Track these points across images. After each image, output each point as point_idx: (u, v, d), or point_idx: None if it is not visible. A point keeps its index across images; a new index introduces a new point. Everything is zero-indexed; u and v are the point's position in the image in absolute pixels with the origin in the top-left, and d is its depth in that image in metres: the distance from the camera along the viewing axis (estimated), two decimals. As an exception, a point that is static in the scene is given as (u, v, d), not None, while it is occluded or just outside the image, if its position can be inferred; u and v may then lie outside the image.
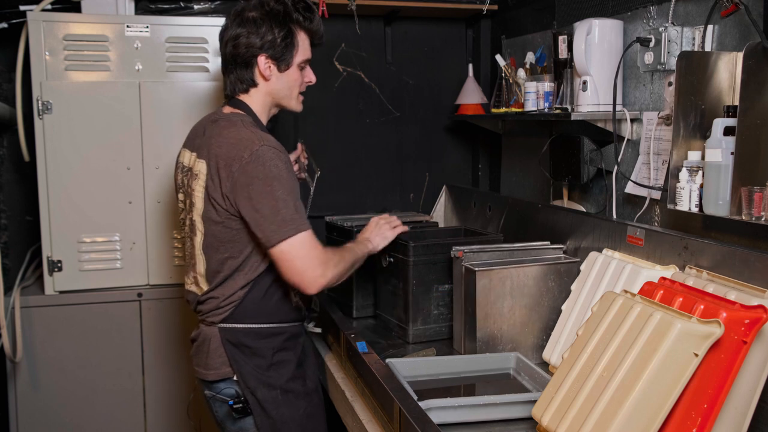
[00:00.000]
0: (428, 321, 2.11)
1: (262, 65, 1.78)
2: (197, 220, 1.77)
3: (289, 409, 1.82)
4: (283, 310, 1.84)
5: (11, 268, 2.80)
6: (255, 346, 1.79)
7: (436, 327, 2.12)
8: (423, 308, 2.10)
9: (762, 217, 1.60)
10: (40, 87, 2.44)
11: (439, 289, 2.11)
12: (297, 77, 1.86)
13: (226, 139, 1.71)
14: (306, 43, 1.85)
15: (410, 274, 2.08)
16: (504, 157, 3.20)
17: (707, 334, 1.23)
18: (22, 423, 2.53)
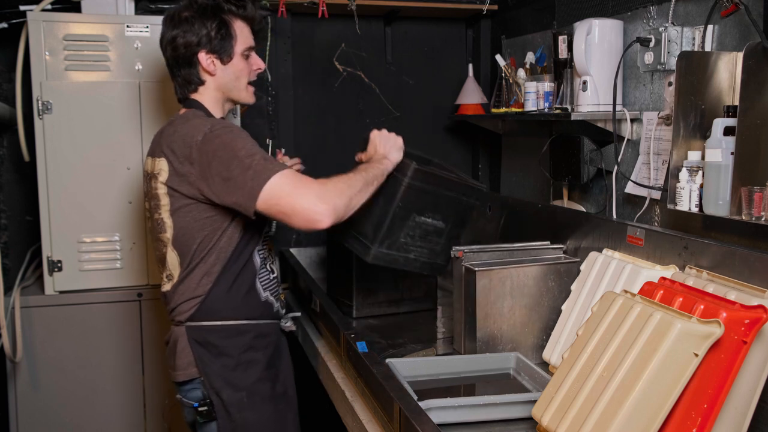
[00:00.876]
0: (393, 247, 1.96)
1: (204, 61, 1.78)
2: (165, 217, 1.76)
3: (254, 412, 1.78)
4: (250, 306, 1.80)
5: (11, 268, 2.80)
6: (221, 344, 1.76)
7: (397, 255, 1.98)
8: (393, 232, 1.94)
9: (762, 217, 1.60)
10: (40, 87, 2.44)
11: (416, 219, 1.96)
12: (242, 67, 1.83)
13: (180, 132, 1.71)
14: (245, 30, 1.83)
15: (398, 195, 1.90)
16: (504, 157, 3.20)
17: (707, 334, 1.23)
18: (22, 423, 2.53)
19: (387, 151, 1.89)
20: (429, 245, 2.04)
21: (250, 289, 1.80)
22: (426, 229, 2.01)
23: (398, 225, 1.94)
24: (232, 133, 1.68)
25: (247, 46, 1.83)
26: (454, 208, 2.06)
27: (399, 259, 1.99)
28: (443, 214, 2.04)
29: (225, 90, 1.84)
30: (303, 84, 3.12)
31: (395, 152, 1.90)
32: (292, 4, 2.87)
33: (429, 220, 2.00)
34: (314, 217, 1.58)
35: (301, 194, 1.58)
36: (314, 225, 1.59)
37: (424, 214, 1.98)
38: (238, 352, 1.78)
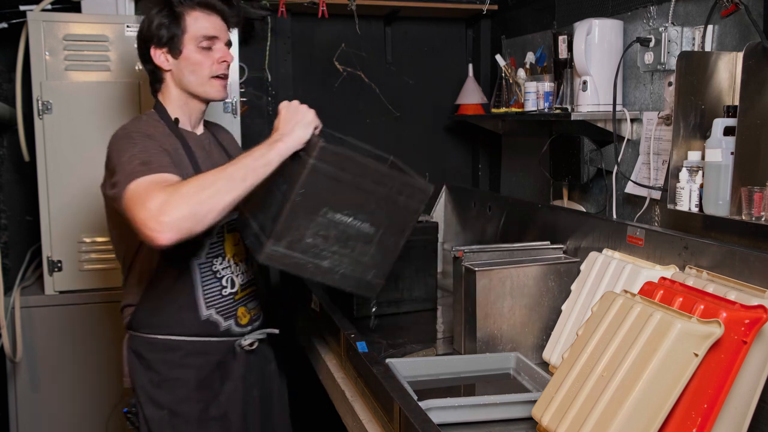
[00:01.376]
0: (295, 247, 1.53)
1: (155, 57, 1.70)
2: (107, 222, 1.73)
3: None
4: (184, 323, 1.69)
5: (11, 268, 2.80)
6: (149, 358, 1.68)
7: (301, 259, 1.55)
8: (297, 228, 1.52)
9: (762, 217, 1.60)
10: (40, 87, 2.44)
11: (329, 216, 1.54)
12: (198, 59, 1.69)
13: None
14: (202, 20, 1.69)
15: (300, 180, 1.49)
16: (504, 157, 3.20)
17: (707, 334, 1.23)
18: (22, 423, 2.53)
19: (289, 128, 1.54)
20: (352, 254, 1.60)
21: (185, 305, 1.69)
22: (346, 231, 1.58)
23: (302, 220, 1.52)
24: (126, 136, 1.57)
25: (202, 35, 1.68)
26: (386, 210, 1.60)
27: (306, 265, 1.56)
28: (370, 216, 1.60)
29: (183, 85, 1.72)
30: (303, 84, 3.12)
31: (300, 129, 1.54)
32: (292, 4, 2.87)
33: (348, 220, 1.57)
34: (149, 234, 1.35)
35: (142, 207, 1.37)
36: (154, 243, 1.36)
37: (341, 211, 1.55)
38: (166, 368, 1.69)
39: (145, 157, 1.50)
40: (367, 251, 1.63)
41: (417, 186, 1.63)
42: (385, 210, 1.61)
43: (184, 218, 1.36)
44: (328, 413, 2.22)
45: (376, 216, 1.61)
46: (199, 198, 1.38)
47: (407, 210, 1.64)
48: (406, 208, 1.64)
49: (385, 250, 1.65)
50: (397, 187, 1.61)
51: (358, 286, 1.65)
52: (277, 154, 1.49)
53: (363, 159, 1.56)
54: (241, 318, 1.79)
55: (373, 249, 1.63)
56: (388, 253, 1.66)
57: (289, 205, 1.49)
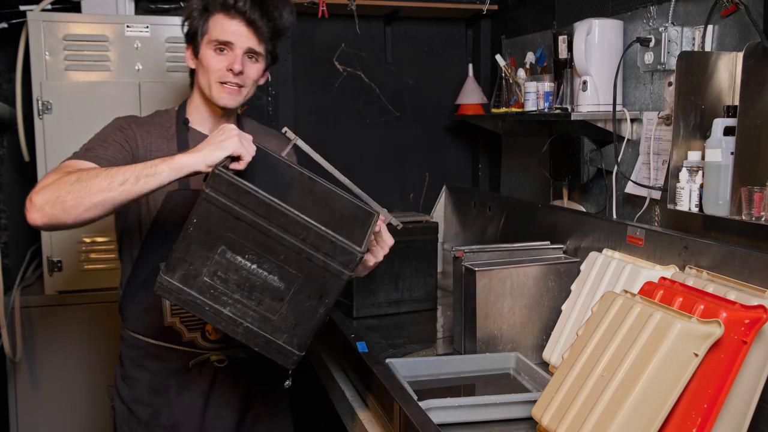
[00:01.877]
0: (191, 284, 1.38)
1: (186, 54, 1.70)
2: None
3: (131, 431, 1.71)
4: (147, 324, 1.68)
5: (11, 268, 2.80)
6: (121, 350, 1.74)
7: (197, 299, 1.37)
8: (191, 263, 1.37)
9: (762, 217, 1.60)
10: (40, 87, 2.44)
11: (228, 256, 1.36)
12: (209, 62, 1.63)
13: None
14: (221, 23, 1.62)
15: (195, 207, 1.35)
16: (504, 157, 3.20)
17: (707, 334, 1.23)
18: (22, 423, 2.53)
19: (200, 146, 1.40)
20: (258, 308, 1.40)
21: (150, 307, 1.66)
22: (249, 279, 1.38)
23: (196, 254, 1.37)
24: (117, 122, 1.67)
25: (215, 39, 1.62)
26: (298, 264, 1.37)
27: (204, 307, 1.38)
28: (279, 268, 1.38)
29: (199, 86, 1.69)
30: (303, 84, 3.12)
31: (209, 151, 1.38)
32: (292, 4, 2.86)
33: (252, 266, 1.37)
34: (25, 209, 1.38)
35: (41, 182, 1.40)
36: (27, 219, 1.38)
37: (242, 254, 1.37)
38: (129, 364, 1.72)
39: (95, 144, 1.54)
40: (277, 309, 1.41)
41: (339, 245, 1.36)
42: (297, 264, 1.37)
43: (49, 203, 1.35)
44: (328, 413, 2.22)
45: (286, 269, 1.38)
46: (70, 188, 1.35)
47: (326, 271, 1.38)
48: (326, 269, 1.37)
49: (300, 314, 1.41)
50: (313, 241, 1.36)
51: (267, 348, 1.42)
52: (169, 168, 1.37)
53: (266, 197, 1.33)
54: (212, 333, 1.70)
55: (284, 309, 1.41)
56: (304, 318, 1.41)
57: (182, 234, 1.36)
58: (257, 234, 1.35)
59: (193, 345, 1.70)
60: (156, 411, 1.70)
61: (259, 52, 1.66)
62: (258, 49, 1.66)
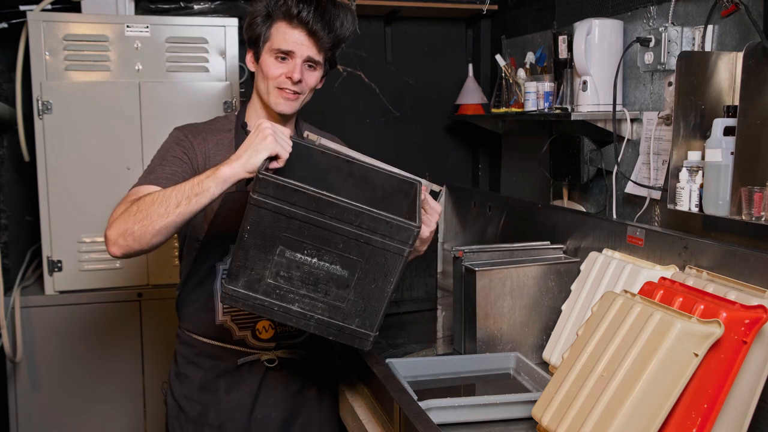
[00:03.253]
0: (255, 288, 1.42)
1: (247, 57, 1.74)
2: None
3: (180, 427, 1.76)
4: (201, 322, 1.73)
5: (11, 268, 2.79)
6: (176, 347, 1.79)
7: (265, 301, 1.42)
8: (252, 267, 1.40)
9: (762, 217, 1.60)
10: (40, 87, 2.44)
11: (288, 255, 1.40)
12: (269, 69, 1.66)
13: None
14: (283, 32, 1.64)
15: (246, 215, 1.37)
16: (504, 157, 3.20)
17: (707, 334, 1.23)
18: (22, 423, 2.53)
19: (239, 153, 1.43)
20: (326, 299, 1.44)
21: (204, 306, 1.71)
22: (313, 273, 1.42)
23: (256, 259, 1.40)
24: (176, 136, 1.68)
25: (276, 48, 1.64)
26: (357, 250, 1.40)
27: (272, 308, 1.43)
28: (340, 257, 1.41)
29: (257, 89, 1.73)
30: (303, 84, 3.12)
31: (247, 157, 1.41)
32: (292, 4, 2.86)
33: (313, 260, 1.41)
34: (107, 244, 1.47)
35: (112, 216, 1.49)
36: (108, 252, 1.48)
37: (300, 250, 1.40)
38: (183, 361, 1.77)
39: (156, 164, 1.60)
40: (345, 296, 1.44)
41: (395, 224, 1.38)
42: (356, 250, 1.40)
43: (121, 236, 1.43)
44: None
45: (347, 257, 1.42)
46: (134, 219, 1.42)
47: (387, 251, 1.41)
48: (385, 249, 1.41)
49: (368, 297, 1.45)
50: (368, 225, 1.39)
51: (341, 335, 1.46)
52: (215, 183, 1.40)
53: (314, 191, 1.35)
54: (262, 332, 1.73)
55: (351, 295, 1.45)
56: (373, 300, 1.45)
57: (238, 242, 1.39)
58: (312, 228, 1.37)
59: (243, 344, 1.72)
60: (204, 409, 1.73)
61: (318, 60, 1.68)
62: (317, 58, 1.68)
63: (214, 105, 2.58)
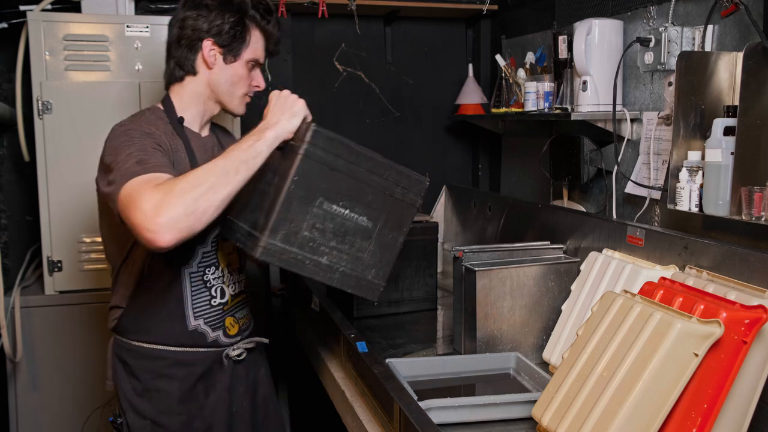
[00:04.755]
0: (292, 241, 1.47)
1: (206, 50, 1.65)
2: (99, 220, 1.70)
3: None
4: (169, 332, 1.65)
5: (11, 268, 2.80)
6: (133, 365, 1.66)
7: (299, 254, 1.48)
8: (292, 220, 1.46)
9: (762, 217, 1.60)
10: (40, 87, 2.44)
11: (325, 206, 1.48)
12: (243, 74, 1.69)
13: None
14: (260, 43, 1.71)
15: (294, 167, 1.44)
16: (504, 157, 3.20)
17: (707, 334, 1.23)
18: (22, 423, 2.53)
19: (276, 117, 1.50)
20: (351, 250, 1.54)
21: (172, 314, 1.64)
22: (343, 225, 1.51)
23: (297, 211, 1.45)
24: (126, 133, 1.53)
25: (254, 58, 1.70)
26: (382, 202, 1.55)
27: (304, 262, 1.49)
28: (367, 208, 1.54)
29: (216, 89, 1.70)
30: (303, 84, 3.12)
31: (287, 119, 1.50)
32: (292, 4, 2.87)
33: (345, 212, 1.50)
34: (148, 237, 1.30)
35: (137, 208, 1.31)
36: (152, 246, 1.32)
37: (336, 202, 1.49)
38: (149, 377, 1.65)
39: (142, 155, 1.45)
40: (366, 247, 1.56)
41: (414, 177, 1.60)
42: (381, 202, 1.55)
43: (181, 217, 1.31)
44: (328, 413, 2.22)
45: (373, 208, 1.55)
46: (193, 195, 1.33)
47: (404, 203, 1.59)
48: (403, 200, 1.59)
49: (384, 246, 1.59)
50: (393, 178, 1.57)
51: (359, 287, 1.58)
52: (265, 144, 1.45)
53: (357, 146, 1.51)
54: (230, 328, 1.74)
55: (372, 245, 1.56)
56: (388, 250, 1.60)
57: (284, 194, 1.43)
58: (349, 180, 1.51)
59: (216, 344, 1.71)
60: (189, 418, 1.68)
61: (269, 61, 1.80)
62: None
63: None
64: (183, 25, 1.67)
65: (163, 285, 1.63)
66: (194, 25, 1.65)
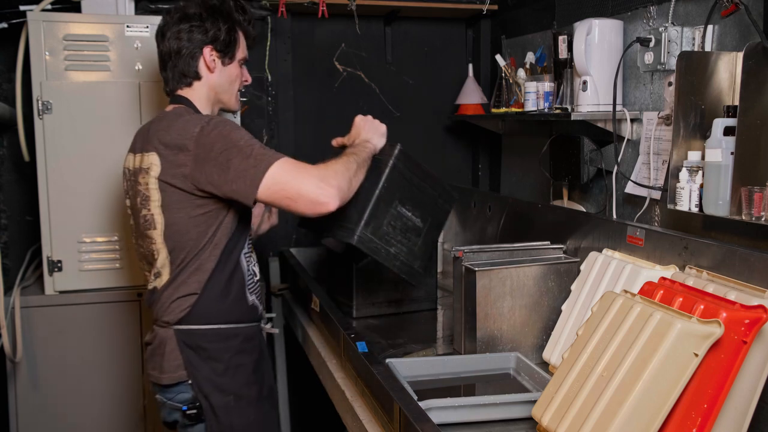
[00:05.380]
0: (376, 233, 1.90)
1: (207, 56, 1.82)
2: (155, 212, 1.74)
3: (239, 417, 1.80)
4: (240, 309, 1.82)
5: (11, 268, 2.80)
6: (211, 348, 1.78)
7: (379, 244, 1.91)
8: (378, 217, 1.89)
9: (762, 217, 1.60)
10: (40, 87, 2.44)
11: (398, 208, 1.92)
12: (238, 73, 1.90)
13: (174, 127, 1.71)
14: (244, 42, 1.91)
15: (384, 176, 1.89)
16: (504, 157, 3.20)
17: (707, 334, 1.23)
18: (22, 423, 2.53)
19: (370, 135, 1.92)
20: (408, 244, 1.97)
21: (239, 293, 1.82)
22: (406, 223, 1.95)
23: (382, 210, 1.90)
24: (229, 125, 1.70)
25: (244, 57, 1.91)
26: (431, 208, 2.02)
27: (381, 250, 1.91)
28: (422, 212, 2.00)
29: (218, 90, 1.87)
30: (303, 84, 3.13)
31: (377, 138, 1.93)
32: (292, 4, 2.87)
33: (409, 214, 1.95)
34: (321, 200, 1.61)
35: (305, 179, 1.62)
36: (321, 208, 1.62)
37: (405, 205, 1.94)
38: (228, 356, 1.79)
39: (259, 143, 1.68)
40: (417, 242, 2.00)
41: (449, 191, 2.10)
42: (430, 208, 2.02)
43: (345, 188, 1.67)
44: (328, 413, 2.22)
45: (425, 212, 2.00)
46: (349, 174, 1.71)
47: (442, 210, 2.08)
48: (442, 208, 2.08)
49: (428, 242, 2.04)
50: (439, 191, 2.05)
51: (410, 274, 1.99)
52: (369, 155, 1.87)
53: (422, 163, 2.00)
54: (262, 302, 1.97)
55: (420, 241, 2.00)
56: (429, 245, 2.06)
57: (376, 196, 1.88)
58: (414, 190, 1.97)
59: (261, 316, 1.94)
60: (258, 386, 1.85)
61: None
62: None
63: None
64: (179, 37, 1.80)
65: (231, 266, 1.79)
66: (190, 36, 1.81)
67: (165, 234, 1.75)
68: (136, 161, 1.80)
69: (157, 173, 1.71)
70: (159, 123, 1.77)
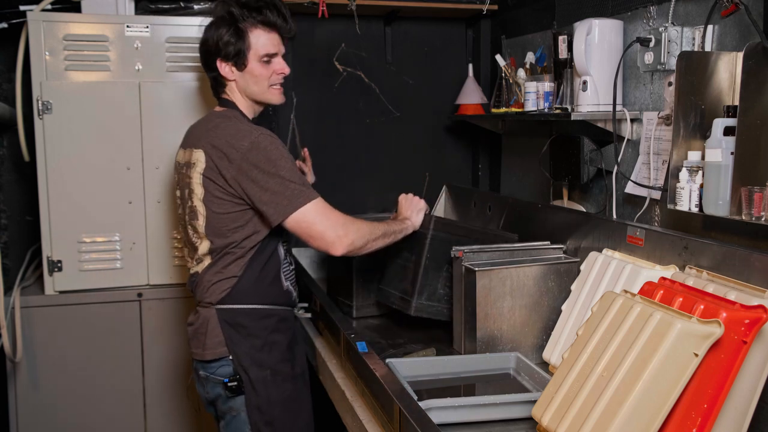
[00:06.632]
0: (433, 298, 2.09)
1: (221, 68, 1.90)
2: (198, 205, 1.86)
3: (277, 390, 1.91)
4: (275, 293, 1.94)
5: (11, 268, 2.80)
6: (250, 326, 1.90)
7: (439, 306, 2.10)
8: (430, 284, 2.09)
9: (762, 217, 1.60)
10: (40, 87, 2.44)
11: (449, 269, 2.08)
12: (261, 72, 1.92)
13: (224, 131, 1.83)
14: (264, 37, 1.90)
15: (426, 248, 2.07)
16: (504, 157, 3.20)
17: (707, 334, 1.23)
18: (22, 423, 2.53)
19: (409, 213, 2.11)
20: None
21: (275, 278, 1.94)
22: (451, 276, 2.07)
23: (433, 276, 2.09)
24: (277, 150, 1.80)
25: (265, 53, 1.90)
26: None
27: (443, 311, 2.10)
28: None
29: (248, 93, 1.94)
30: (303, 84, 3.12)
31: (416, 214, 2.12)
32: (292, 4, 2.85)
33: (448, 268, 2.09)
34: (334, 244, 1.80)
35: (331, 225, 1.80)
36: (330, 250, 1.80)
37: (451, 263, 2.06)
38: (265, 333, 1.91)
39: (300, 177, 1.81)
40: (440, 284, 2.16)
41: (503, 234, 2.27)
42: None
43: (359, 245, 1.84)
44: (328, 413, 2.22)
45: None
46: (369, 237, 1.88)
47: None
48: None
49: None
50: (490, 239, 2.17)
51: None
52: (405, 228, 2.06)
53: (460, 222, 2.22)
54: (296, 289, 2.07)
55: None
56: None
57: (422, 267, 2.07)
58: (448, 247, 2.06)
59: (295, 303, 2.04)
60: (293, 363, 1.97)
61: (286, 52, 2.00)
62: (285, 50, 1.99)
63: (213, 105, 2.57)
64: (200, 50, 1.95)
65: (269, 253, 1.92)
66: (206, 49, 1.91)
67: (207, 225, 1.86)
68: (185, 156, 1.91)
69: (202, 169, 1.83)
70: (208, 123, 1.90)
